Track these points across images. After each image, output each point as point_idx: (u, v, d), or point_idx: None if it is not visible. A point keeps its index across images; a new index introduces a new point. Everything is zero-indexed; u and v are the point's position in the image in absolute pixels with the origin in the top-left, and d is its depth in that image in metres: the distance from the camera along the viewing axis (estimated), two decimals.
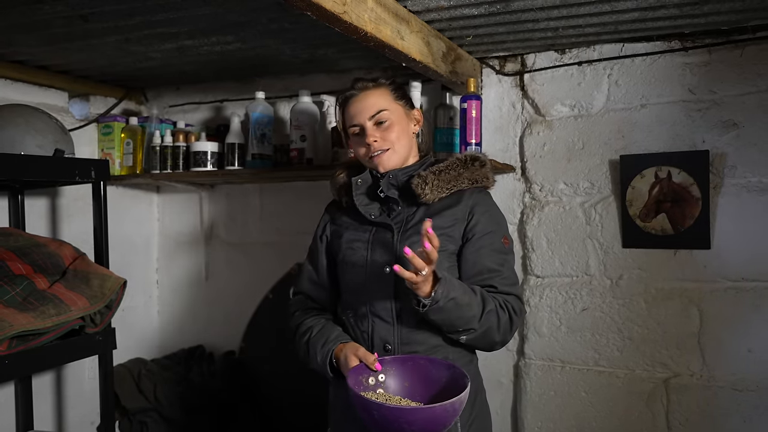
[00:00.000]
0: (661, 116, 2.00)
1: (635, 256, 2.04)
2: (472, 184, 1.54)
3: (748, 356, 1.90)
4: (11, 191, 2.18)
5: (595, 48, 2.09)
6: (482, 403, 1.59)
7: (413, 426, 1.19)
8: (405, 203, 1.53)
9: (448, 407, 1.21)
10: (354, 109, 1.54)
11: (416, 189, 1.48)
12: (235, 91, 2.66)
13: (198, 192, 2.76)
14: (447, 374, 1.35)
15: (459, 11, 1.72)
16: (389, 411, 1.22)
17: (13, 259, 1.79)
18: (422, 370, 1.38)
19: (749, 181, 1.90)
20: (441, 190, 1.49)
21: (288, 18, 1.76)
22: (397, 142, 1.53)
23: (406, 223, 1.51)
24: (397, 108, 1.56)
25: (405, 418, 1.20)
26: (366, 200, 1.55)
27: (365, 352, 1.42)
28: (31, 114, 1.95)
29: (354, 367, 1.38)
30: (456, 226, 1.50)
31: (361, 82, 1.57)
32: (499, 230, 1.54)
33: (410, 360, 1.41)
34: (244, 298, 2.69)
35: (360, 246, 1.53)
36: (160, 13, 1.71)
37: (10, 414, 2.20)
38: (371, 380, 1.38)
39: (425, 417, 1.21)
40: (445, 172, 1.50)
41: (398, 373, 1.39)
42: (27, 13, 1.69)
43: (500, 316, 1.42)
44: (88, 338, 1.84)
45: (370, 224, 1.54)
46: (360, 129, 1.53)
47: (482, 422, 1.56)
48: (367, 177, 1.56)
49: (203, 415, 2.46)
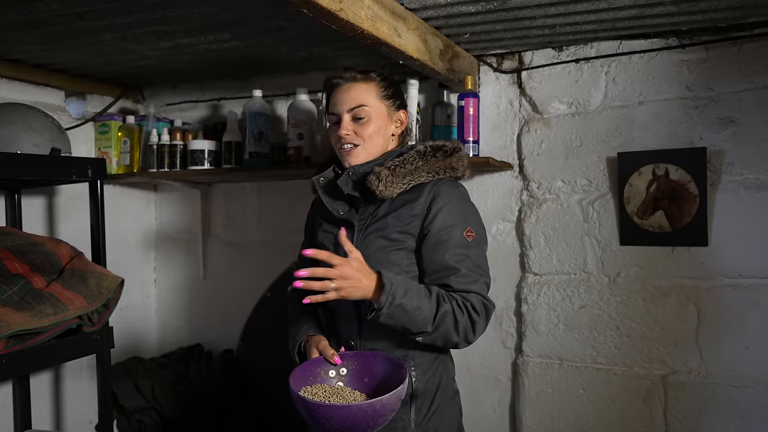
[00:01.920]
0: (659, 113, 2.00)
1: (633, 253, 2.04)
2: (433, 176, 1.47)
3: (746, 353, 1.91)
4: (8, 190, 2.18)
5: (592, 45, 2.09)
6: (445, 395, 1.53)
7: (330, 422, 1.22)
8: (367, 199, 1.49)
9: (366, 407, 1.22)
10: (336, 98, 1.53)
11: (370, 186, 1.43)
12: (232, 89, 2.66)
13: (195, 190, 2.76)
14: (393, 373, 1.35)
15: (456, 8, 1.72)
16: (308, 404, 1.25)
17: (9, 259, 1.79)
18: (379, 367, 1.40)
19: (747, 178, 1.91)
20: (396, 186, 1.43)
21: (285, 16, 1.76)
22: (369, 140, 1.50)
23: (370, 217, 1.49)
24: (380, 106, 1.52)
25: (322, 413, 1.23)
26: (331, 198, 1.54)
27: (326, 345, 1.43)
28: (28, 113, 1.95)
29: (312, 359, 1.41)
30: (414, 222, 1.45)
31: (350, 72, 1.53)
32: (460, 223, 1.44)
33: (371, 356, 1.43)
34: (242, 297, 2.69)
35: (329, 244, 1.53)
36: (156, 11, 1.71)
37: (7, 413, 2.20)
38: (332, 373, 1.41)
39: (341, 414, 1.23)
40: (400, 167, 1.45)
41: (359, 368, 1.42)
42: (23, 11, 1.69)
43: (458, 318, 1.36)
44: (85, 337, 1.84)
45: (338, 220, 1.52)
46: (337, 118, 1.52)
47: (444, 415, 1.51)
48: (329, 174, 1.55)
49: (201, 414, 2.46)
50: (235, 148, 2.39)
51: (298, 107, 2.28)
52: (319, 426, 1.25)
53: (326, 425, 1.23)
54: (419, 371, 1.47)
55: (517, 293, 2.23)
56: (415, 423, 1.46)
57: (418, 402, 1.46)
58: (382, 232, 1.46)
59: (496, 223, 2.26)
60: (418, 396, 1.46)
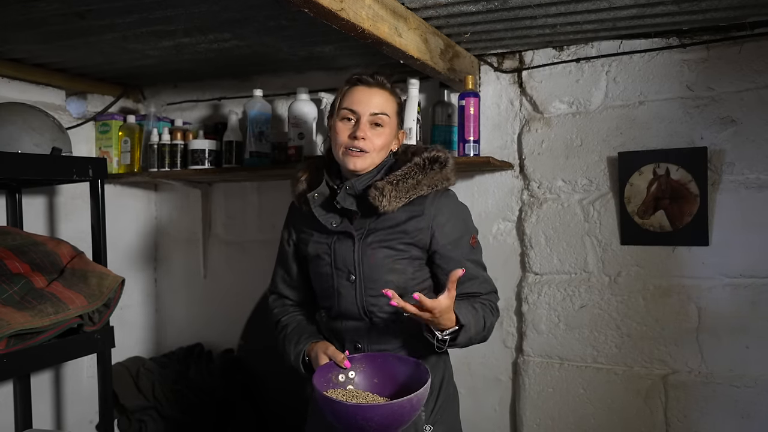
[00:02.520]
0: (660, 113, 2.00)
1: (633, 253, 2.04)
2: (432, 188, 1.50)
3: (746, 353, 1.91)
4: (9, 190, 2.18)
5: (593, 45, 2.09)
6: (448, 391, 1.61)
7: (371, 422, 1.23)
8: (364, 211, 1.50)
9: (405, 403, 1.24)
10: (360, 96, 1.49)
11: (374, 201, 1.44)
12: (233, 88, 2.66)
13: (196, 190, 2.76)
14: (412, 370, 1.39)
15: (457, 8, 1.72)
16: (347, 408, 1.26)
17: (10, 258, 1.79)
18: (390, 367, 1.43)
19: (747, 177, 1.91)
20: (399, 200, 1.46)
21: (285, 15, 1.76)
22: (377, 152, 1.50)
23: (369, 228, 1.50)
24: (394, 122, 1.53)
25: (362, 414, 1.24)
26: (324, 211, 1.53)
27: (334, 350, 1.46)
28: (28, 112, 1.95)
29: (323, 365, 1.42)
30: (420, 236, 1.49)
31: (381, 77, 1.52)
32: (466, 233, 1.54)
33: (380, 357, 1.45)
34: (243, 296, 2.69)
35: (325, 256, 1.54)
36: (157, 11, 1.71)
37: (8, 413, 2.20)
38: (341, 377, 1.43)
39: (382, 413, 1.24)
40: (403, 181, 1.46)
41: (368, 370, 1.44)
42: (23, 10, 1.68)
43: (490, 322, 1.49)
44: (86, 337, 1.84)
45: (331, 231, 1.53)
46: (356, 117, 1.48)
47: (447, 409, 1.59)
48: (324, 190, 1.54)
49: (202, 413, 2.46)
50: (235, 147, 2.39)
51: (299, 107, 2.28)
52: (357, 428, 1.25)
53: (365, 427, 1.24)
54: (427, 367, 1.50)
55: (517, 293, 2.23)
56: (426, 417, 1.50)
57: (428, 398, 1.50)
58: (388, 243, 1.49)
59: (496, 222, 2.26)
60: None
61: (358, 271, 1.49)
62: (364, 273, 1.49)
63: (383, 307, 1.48)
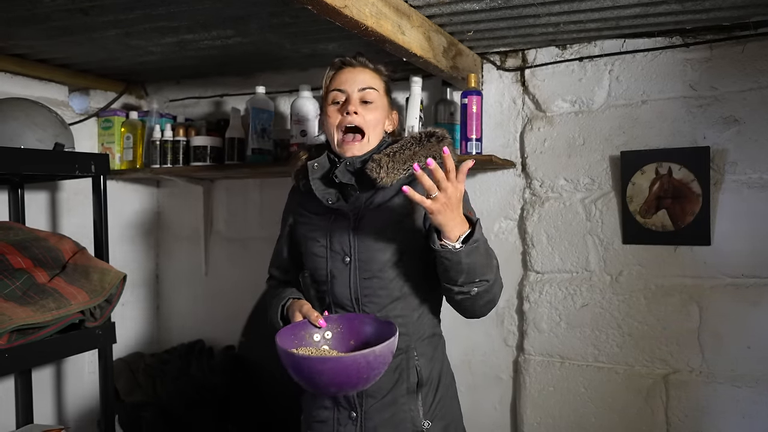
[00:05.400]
0: (662, 112, 2.00)
1: (635, 252, 2.04)
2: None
3: (748, 352, 1.91)
4: (11, 185, 2.18)
5: (596, 44, 2.09)
6: (446, 386, 1.56)
7: (322, 375, 1.21)
8: (362, 187, 1.49)
9: (359, 358, 1.21)
10: (345, 77, 1.50)
11: (371, 173, 1.43)
12: (236, 85, 2.66)
13: (198, 186, 2.76)
14: (387, 330, 1.34)
15: (460, 6, 1.72)
16: (298, 360, 1.24)
17: (12, 253, 1.79)
18: (368, 328, 1.40)
19: (750, 177, 1.90)
20: (397, 172, 1.44)
21: (289, 12, 1.76)
22: (373, 129, 1.49)
23: (364, 207, 1.48)
24: (384, 100, 1.53)
25: (312, 366, 1.22)
26: (323, 185, 1.52)
27: (309, 308, 1.44)
28: (31, 108, 1.95)
29: (295, 323, 1.42)
30: (416, 213, 1.46)
31: (362, 58, 1.53)
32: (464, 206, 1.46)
33: (356, 318, 1.43)
34: (244, 293, 2.69)
35: (320, 236, 1.51)
36: (160, 7, 1.71)
37: (10, 408, 2.20)
38: (317, 337, 1.42)
39: (332, 367, 1.22)
40: (400, 153, 1.45)
41: (344, 331, 1.42)
42: (27, 6, 1.69)
43: (496, 260, 1.43)
44: (87, 332, 1.84)
45: (327, 211, 1.51)
46: (345, 97, 1.48)
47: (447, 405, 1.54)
48: (324, 161, 1.53)
49: (203, 410, 2.47)
50: (237, 144, 2.39)
51: (302, 104, 2.28)
52: (309, 382, 1.24)
53: (317, 380, 1.22)
54: (423, 360, 1.48)
55: (519, 291, 2.23)
56: (423, 412, 1.46)
57: (424, 391, 1.47)
58: (384, 221, 1.46)
59: (498, 221, 2.26)
60: (423, 384, 1.47)
61: (353, 252, 1.46)
62: (359, 254, 1.46)
63: (376, 291, 1.45)
